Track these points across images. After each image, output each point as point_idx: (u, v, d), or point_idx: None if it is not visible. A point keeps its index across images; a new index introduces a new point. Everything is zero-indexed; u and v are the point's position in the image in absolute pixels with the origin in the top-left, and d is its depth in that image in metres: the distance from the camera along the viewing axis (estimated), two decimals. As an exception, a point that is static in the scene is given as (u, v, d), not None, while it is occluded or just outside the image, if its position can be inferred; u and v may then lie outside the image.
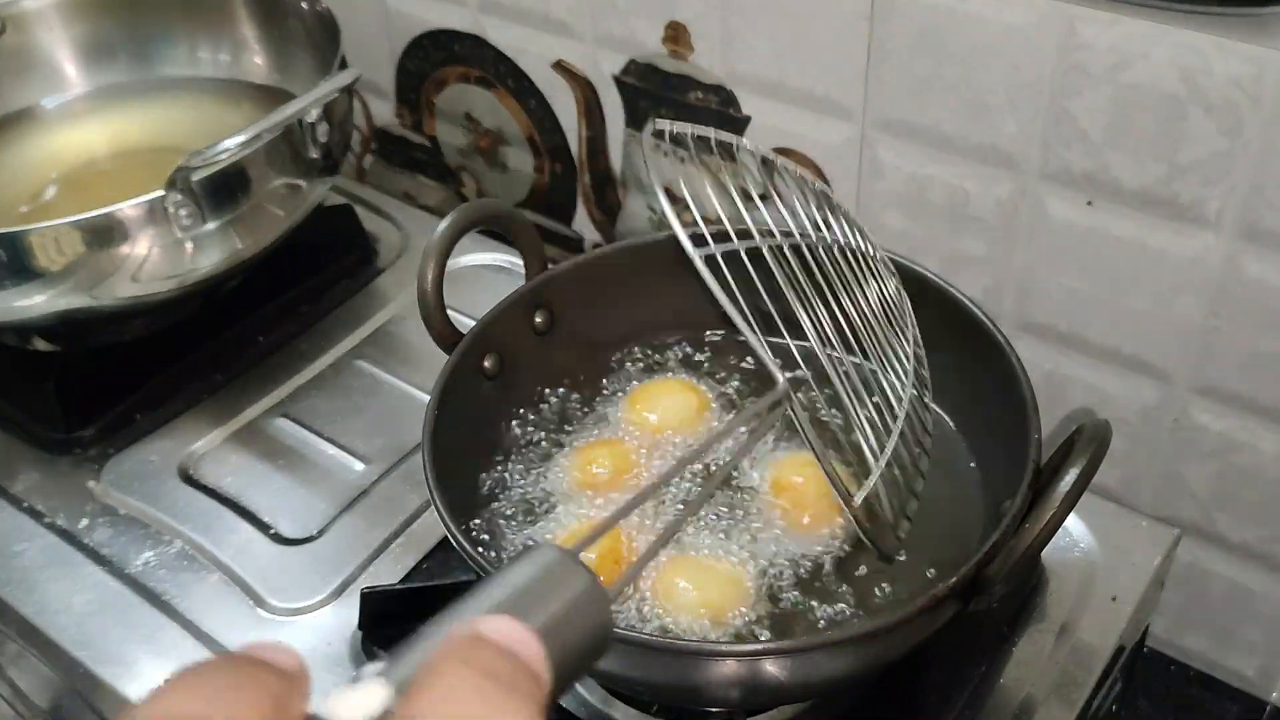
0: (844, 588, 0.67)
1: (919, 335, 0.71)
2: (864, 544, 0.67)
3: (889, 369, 0.67)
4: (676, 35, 0.94)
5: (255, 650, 0.30)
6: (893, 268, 0.72)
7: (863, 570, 0.68)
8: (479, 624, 0.28)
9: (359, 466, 0.88)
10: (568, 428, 0.78)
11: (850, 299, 0.67)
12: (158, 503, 0.86)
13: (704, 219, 0.63)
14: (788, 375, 0.57)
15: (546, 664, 0.28)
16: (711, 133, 0.67)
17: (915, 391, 0.67)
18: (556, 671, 0.28)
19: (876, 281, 0.70)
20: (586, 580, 0.30)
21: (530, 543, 0.71)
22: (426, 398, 0.71)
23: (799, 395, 0.62)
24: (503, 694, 0.26)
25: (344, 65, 0.95)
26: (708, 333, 0.84)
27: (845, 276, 0.68)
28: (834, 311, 0.66)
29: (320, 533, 0.83)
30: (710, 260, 0.61)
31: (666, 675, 0.63)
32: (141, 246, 0.83)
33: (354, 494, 0.85)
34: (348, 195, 1.11)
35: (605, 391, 0.80)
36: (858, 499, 0.60)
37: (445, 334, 0.75)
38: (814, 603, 0.66)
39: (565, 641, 0.29)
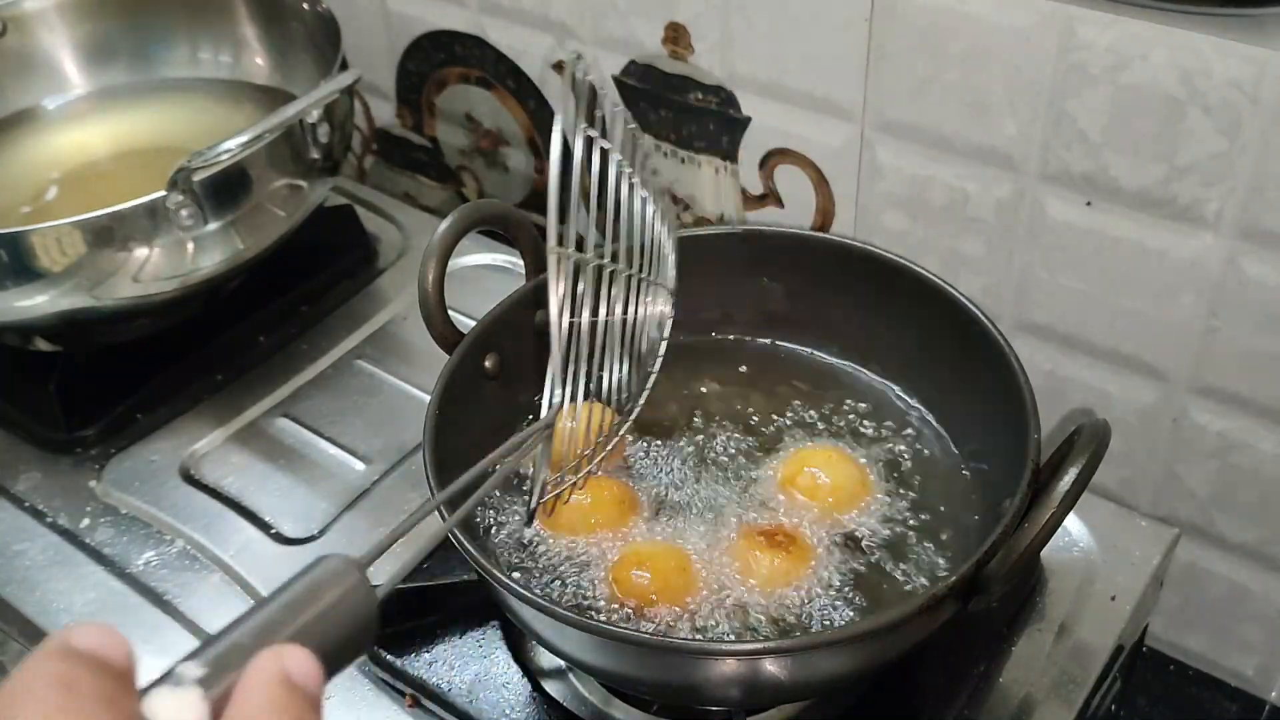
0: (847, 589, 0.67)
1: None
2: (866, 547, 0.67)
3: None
4: (676, 36, 0.95)
5: (81, 640, 0.31)
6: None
7: (865, 569, 0.68)
8: (284, 659, 0.33)
9: (360, 466, 0.88)
10: (568, 428, 0.78)
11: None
12: (159, 502, 0.86)
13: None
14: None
15: (322, 681, 0.33)
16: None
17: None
18: (328, 671, 0.34)
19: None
20: (358, 586, 0.37)
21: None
22: (427, 398, 0.71)
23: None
24: None
25: (345, 66, 0.95)
26: (709, 333, 0.85)
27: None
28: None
29: (321, 532, 0.83)
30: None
31: (666, 675, 0.63)
32: (143, 247, 0.83)
33: (355, 494, 0.85)
34: (348, 196, 1.12)
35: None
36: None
37: (446, 334, 0.75)
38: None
39: (335, 642, 0.35)
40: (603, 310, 0.67)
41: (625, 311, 0.68)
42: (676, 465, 0.76)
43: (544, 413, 0.62)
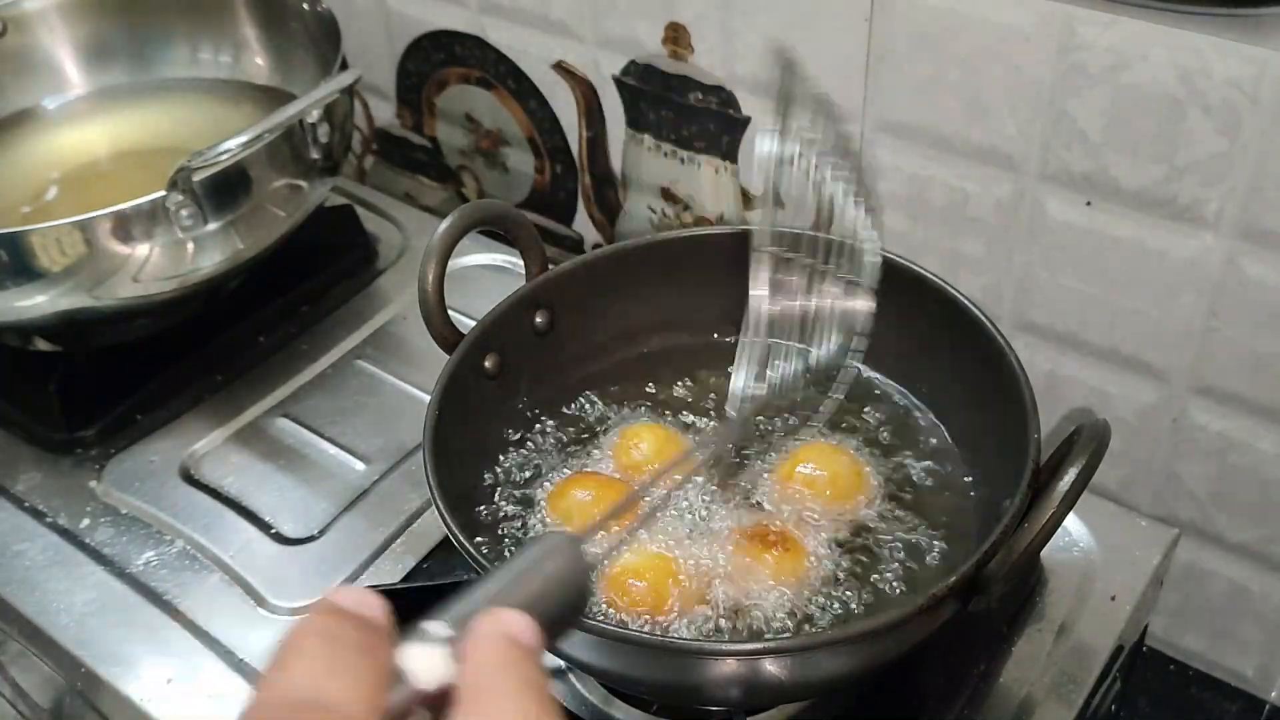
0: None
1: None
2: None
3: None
4: (676, 36, 0.95)
5: (344, 600, 0.35)
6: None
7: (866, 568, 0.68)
8: (504, 621, 0.36)
9: (360, 466, 0.88)
10: (569, 428, 0.78)
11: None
12: (159, 502, 0.86)
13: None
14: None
15: (540, 640, 0.36)
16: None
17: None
18: (549, 636, 0.38)
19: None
20: (576, 557, 0.40)
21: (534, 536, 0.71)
22: (427, 398, 0.71)
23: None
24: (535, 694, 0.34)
25: (345, 66, 0.95)
26: (709, 334, 0.85)
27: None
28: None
29: (321, 532, 0.83)
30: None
31: (667, 675, 0.63)
32: (143, 247, 0.83)
33: (355, 494, 0.85)
34: (348, 196, 1.12)
35: (606, 392, 0.81)
36: None
37: (446, 334, 0.75)
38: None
39: (553, 612, 0.39)
40: (800, 304, 0.67)
41: (820, 307, 0.68)
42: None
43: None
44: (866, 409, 0.79)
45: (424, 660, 0.34)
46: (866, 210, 0.68)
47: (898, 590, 0.68)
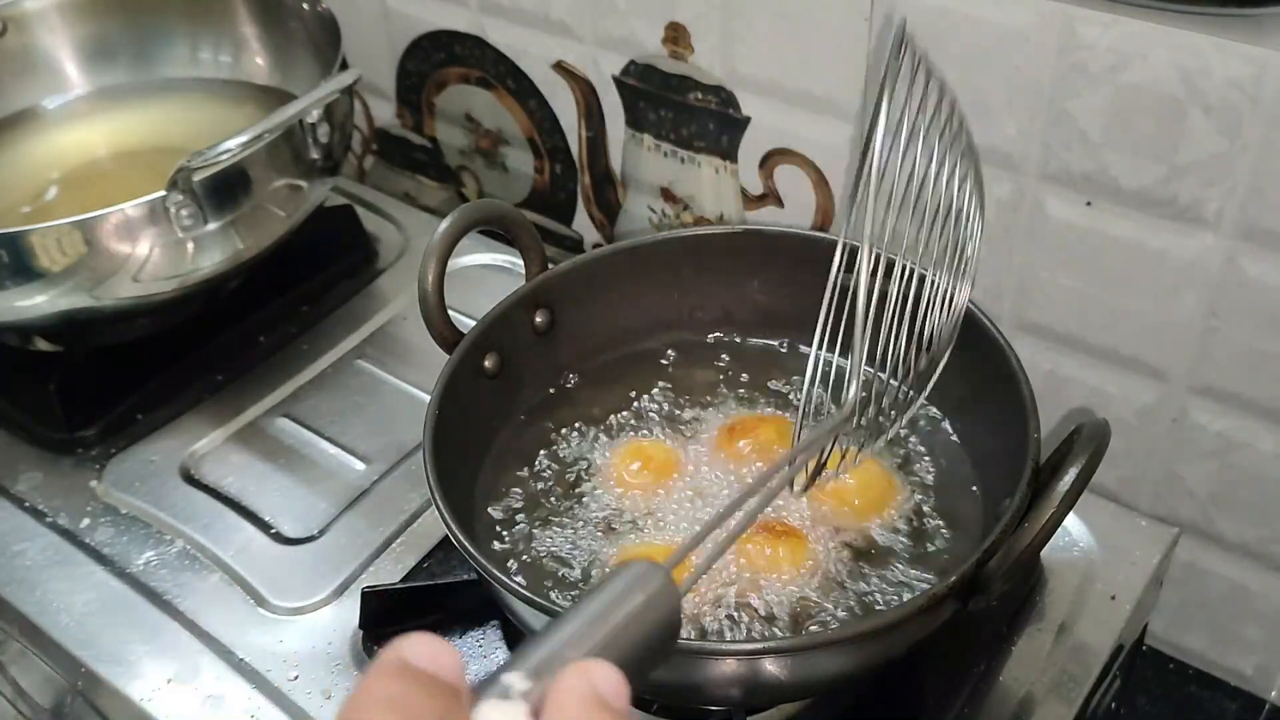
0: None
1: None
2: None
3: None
4: (676, 36, 0.95)
5: (414, 655, 0.32)
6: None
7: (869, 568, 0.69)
8: (593, 675, 0.33)
9: (360, 466, 0.88)
10: (569, 428, 0.78)
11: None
12: (159, 502, 0.86)
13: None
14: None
15: (628, 695, 0.34)
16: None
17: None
18: (636, 680, 0.35)
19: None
20: (664, 589, 0.37)
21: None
22: (427, 398, 0.71)
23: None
24: None
25: (344, 66, 0.95)
26: (709, 335, 0.85)
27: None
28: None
29: (321, 532, 0.83)
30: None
31: (667, 674, 0.63)
32: (143, 247, 0.83)
33: (355, 494, 0.85)
34: (348, 196, 1.12)
35: (606, 392, 0.81)
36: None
37: (446, 334, 0.75)
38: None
39: (641, 655, 0.37)
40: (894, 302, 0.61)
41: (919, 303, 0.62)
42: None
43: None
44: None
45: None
46: (978, 214, 0.62)
47: (899, 589, 0.68)
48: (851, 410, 0.55)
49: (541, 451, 0.77)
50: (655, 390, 0.81)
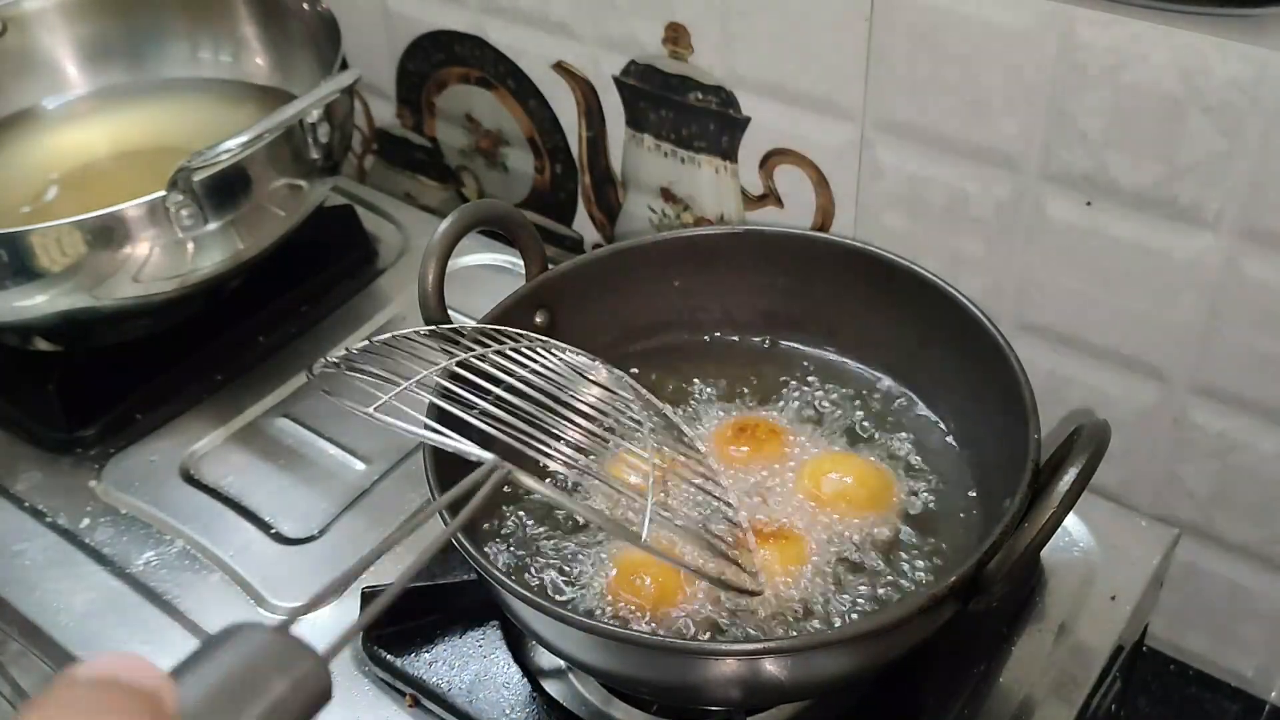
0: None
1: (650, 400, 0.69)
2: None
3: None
4: (676, 36, 0.95)
5: (117, 670, 0.31)
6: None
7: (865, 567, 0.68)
8: None
9: (360, 466, 0.88)
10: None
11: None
12: (159, 502, 0.86)
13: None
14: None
15: None
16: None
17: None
18: None
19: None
20: (310, 666, 0.33)
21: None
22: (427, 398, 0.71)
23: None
24: None
25: (345, 66, 0.95)
26: (707, 335, 0.85)
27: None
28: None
29: (321, 532, 0.83)
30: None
31: (666, 675, 0.63)
32: (143, 247, 0.83)
33: (355, 494, 0.85)
34: (349, 196, 1.12)
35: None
36: (644, 537, 0.56)
37: (446, 334, 0.75)
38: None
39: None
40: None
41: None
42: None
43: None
44: (867, 409, 0.79)
45: None
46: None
47: (899, 589, 0.68)
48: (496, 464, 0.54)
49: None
50: (655, 390, 0.81)
